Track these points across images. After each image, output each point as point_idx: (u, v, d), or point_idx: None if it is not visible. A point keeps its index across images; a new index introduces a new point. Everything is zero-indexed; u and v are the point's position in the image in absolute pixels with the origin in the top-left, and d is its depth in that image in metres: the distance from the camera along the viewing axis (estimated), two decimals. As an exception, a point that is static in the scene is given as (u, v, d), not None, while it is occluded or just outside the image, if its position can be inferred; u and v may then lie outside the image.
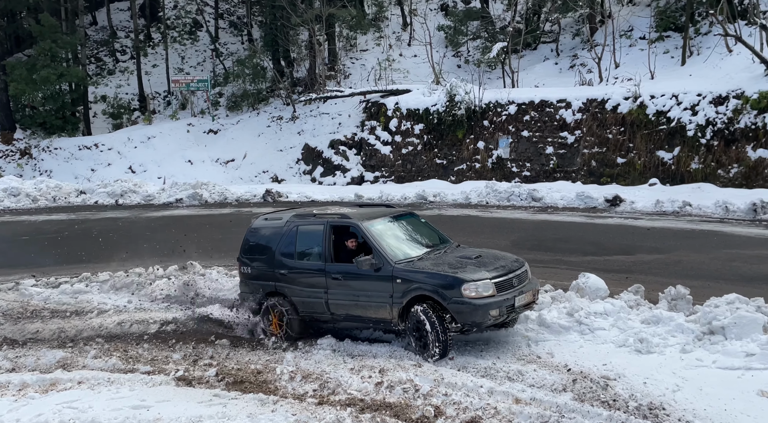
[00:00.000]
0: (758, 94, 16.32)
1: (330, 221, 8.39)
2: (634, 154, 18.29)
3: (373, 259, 7.75)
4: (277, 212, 9.48)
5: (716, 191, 15.71)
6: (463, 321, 7.31)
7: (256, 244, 8.94)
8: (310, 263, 8.37)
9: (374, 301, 7.80)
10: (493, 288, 7.32)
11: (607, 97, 19.13)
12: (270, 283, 8.66)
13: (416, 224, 8.85)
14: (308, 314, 8.45)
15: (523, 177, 20.16)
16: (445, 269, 7.53)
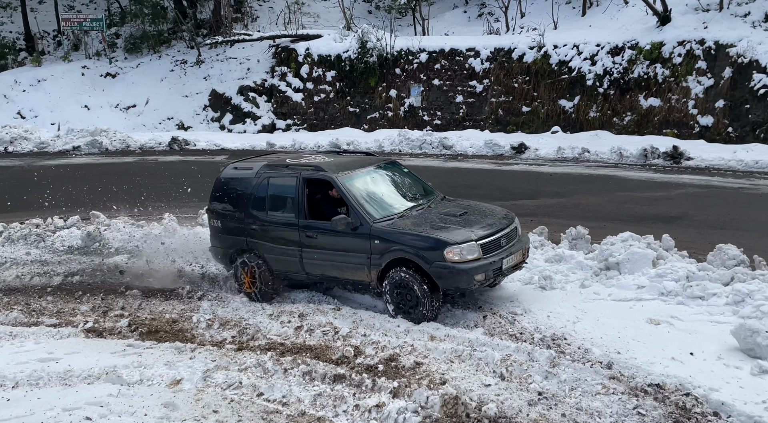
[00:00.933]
0: (650, 45, 17.28)
1: (303, 173, 7.68)
2: (538, 102, 18.98)
3: (350, 218, 7.14)
4: (246, 161, 8.65)
5: (612, 138, 16.66)
6: (446, 286, 6.87)
7: (226, 195, 8.23)
8: (283, 218, 7.74)
9: (351, 263, 7.25)
10: (478, 250, 6.79)
11: (514, 46, 19.58)
12: (241, 238, 8.02)
13: (399, 174, 8.16)
14: (283, 273, 7.90)
15: (434, 125, 20.46)
16: (426, 230, 6.96)
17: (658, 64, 17.12)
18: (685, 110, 16.57)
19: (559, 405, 5.17)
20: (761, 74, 15.43)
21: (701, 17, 17.19)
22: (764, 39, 15.86)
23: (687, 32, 16.94)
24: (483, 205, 7.95)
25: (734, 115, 15.86)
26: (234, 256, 8.15)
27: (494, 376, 5.69)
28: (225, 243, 8.24)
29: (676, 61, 16.85)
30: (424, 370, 5.87)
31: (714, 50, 16.38)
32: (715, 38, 16.42)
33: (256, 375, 5.87)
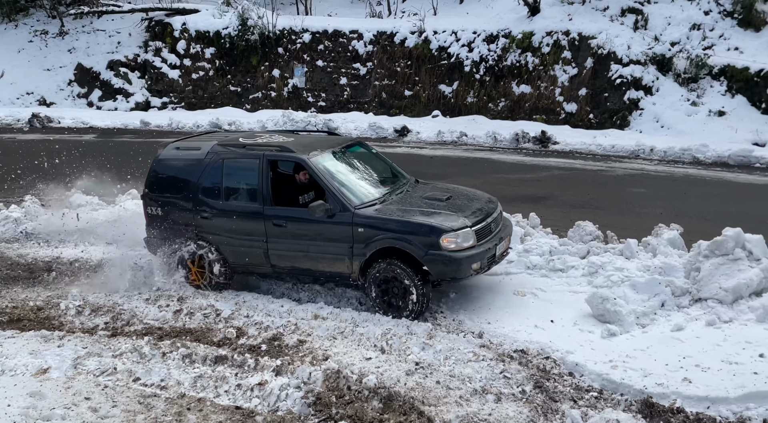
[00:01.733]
0: (522, 34, 18.27)
1: (267, 154, 6.92)
2: (420, 87, 19.49)
3: (328, 204, 6.51)
4: (191, 139, 7.83)
5: (487, 123, 17.50)
6: (441, 276, 6.41)
7: (167, 178, 7.34)
8: (243, 205, 6.96)
9: (329, 253, 6.62)
10: (473, 237, 6.38)
11: (396, 30, 19.93)
12: (189, 227, 7.20)
13: (367, 156, 7.54)
14: (241, 266, 7.20)
15: (318, 107, 20.40)
16: (416, 216, 6.44)
17: (528, 53, 18.15)
18: (553, 97, 17.73)
19: (434, 373, 5.48)
20: (618, 65, 16.83)
21: (566, 9, 18.39)
22: (620, 32, 17.28)
23: (554, 23, 18.07)
24: (464, 188, 7.51)
25: (595, 103, 17.20)
26: (179, 248, 7.29)
27: (375, 349, 5.90)
28: (167, 233, 7.34)
29: (545, 50, 17.94)
30: (308, 348, 5.98)
31: (578, 41, 17.62)
32: (579, 30, 17.66)
33: (132, 360, 5.71)
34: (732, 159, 12.64)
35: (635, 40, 17.13)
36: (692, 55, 16.32)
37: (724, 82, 15.98)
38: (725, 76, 15.98)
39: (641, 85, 16.53)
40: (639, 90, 16.52)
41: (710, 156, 12.91)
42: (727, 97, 15.81)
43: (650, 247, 7.41)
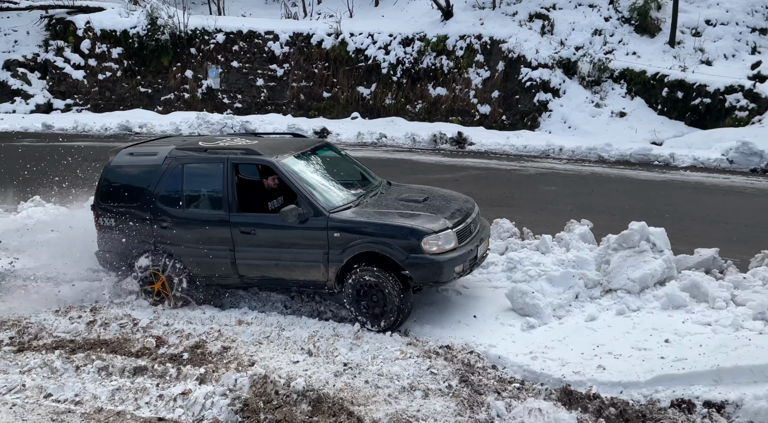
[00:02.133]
0: (436, 38, 18.67)
1: (232, 158, 6.50)
2: (338, 88, 19.50)
3: (301, 208, 6.17)
4: (146, 144, 7.31)
5: (406, 124, 17.75)
6: (423, 281, 6.15)
7: (121, 187, 6.85)
8: (207, 213, 6.55)
9: (302, 261, 6.28)
10: (455, 239, 6.16)
11: (312, 31, 19.84)
12: (147, 239, 6.75)
13: (337, 158, 7.24)
14: (206, 278, 6.76)
15: (235, 108, 19.99)
16: (395, 218, 6.17)
17: (443, 56, 18.56)
18: (468, 99, 18.21)
19: (362, 373, 5.50)
20: (527, 68, 17.52)
21: (478, 14, 18.96)
22: (529, 37, 18.00)
23: (467, 27, 18.59)
24: (438, 189, 7.29)
25: (507, 105, 17.82)
26: (136, 261, 6.84)
27: (302, 352, 5.85)
28: (122, 246, 6.86)
29: (459, 53, 18.41)
30: (232, 354, 5.84)
31: (490, 45, 18.20)
32: (490, 34, 18.24)
33: (42, 376, 5.38)
34: (633, 157, 13.43)
35: (543, 44, 17.89)
36: (595, 59, 17.24)
37: (624, 85, 16.98)
38: (625, 79, 16.98)
39: (549, 88, 17.28)
40: (547, 92, 17.27)
41: (614, 155, 13.67)
42: (627, 99, 16.80)
43: (563, 242, 7.75)
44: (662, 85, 16.33)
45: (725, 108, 15.32)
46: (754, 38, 17.07)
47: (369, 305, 6.21)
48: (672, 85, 16.18)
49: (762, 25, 17.18)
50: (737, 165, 12.10)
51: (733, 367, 4.54)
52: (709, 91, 15.63)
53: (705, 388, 4.54)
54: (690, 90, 15.92)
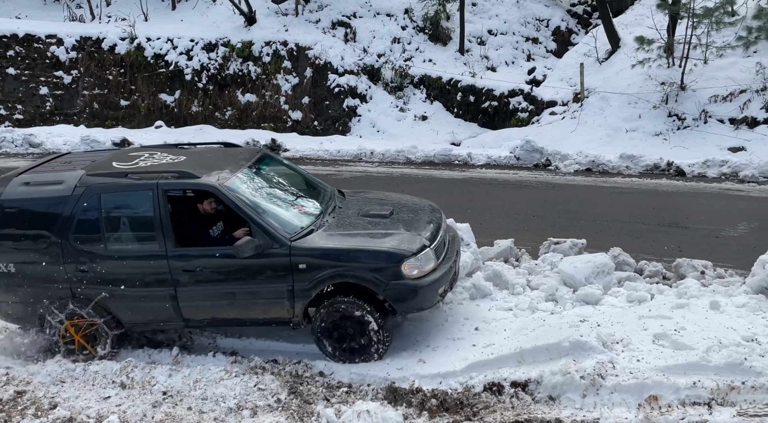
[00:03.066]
0: (242, 44, 18.31)
1: (162, 184, 5.56)
2: (138, 96, 18.26)
3: (257, 239, 5.35)
4: (41, 170, 6.11)
5: (216, 132, 17.13)
6: (406, 310, 5.58)
7: (18, 226, 5.75)
8: (137, 249, 5.62)
9: (262, 297, 5.54)
10: (434, 258, 5.56)
11: (103, 36, 18.36)
12: (60, 285, 5.71)
13: (280, 170, 6.38)
14: (141, 324, 5.88)
15: (15, 120, 17.76)
16: (367, 241, 5.50)
17: (250, 62, 18.25)
18: (278, 106, 18.12)
19: (184, 399, 5.23)
20: (334, 75, 17.91)
21: (282, 20, 18.94)
22: (334, 44, 18.41)
23: (272, 34, 18.48)
24: (399, 196, 6.70)
25: (318, 110, 18.05)
26: (47, 311, 5.82)
27: (114, 386, 5.42)
28: (26, 295, 5.83)
29: (266, 59, 18.24)
30: (29, 399, 5.21)
31: (296, 51, 18.28)
32: (296, 41, 18.33)
33: None
34: (437, 158, 14.36)
35: (347, 51, 18.42)
36: (396, 65, 18.16)
37: (424, 90, 18.11)
38: (424, 84, 18.12)
39: (357, 94, 17.84)
40: (355, 98, 17.82)
41: (420, 156, 14.50)
42: (427, 103, 17.94)
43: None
44: (456, 89, 17.69)
45: (509, 110, 17.03)
46: (529, 47, 19.19)
47: (342, 339, 5.61)
48: (465, 89, 17.59)
49: (534, 34, 19.38)
50: (523, 161, 13.50)
51: (532, 348, 5.06)
52: (496, 95, 17.25)
53: (511, 369, 5.01)
54: (480, 94, 17.44)
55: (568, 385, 4.70)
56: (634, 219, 9.20)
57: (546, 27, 19.63)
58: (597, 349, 4.88)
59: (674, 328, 5.05)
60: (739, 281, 6.34)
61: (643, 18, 16.22)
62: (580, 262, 6.58)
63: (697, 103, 13.70)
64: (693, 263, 6.89)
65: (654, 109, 14.06)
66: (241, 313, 5.70)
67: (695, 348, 4.80)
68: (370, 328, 5.52)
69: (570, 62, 17.12)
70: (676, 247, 7.84)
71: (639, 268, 7.05)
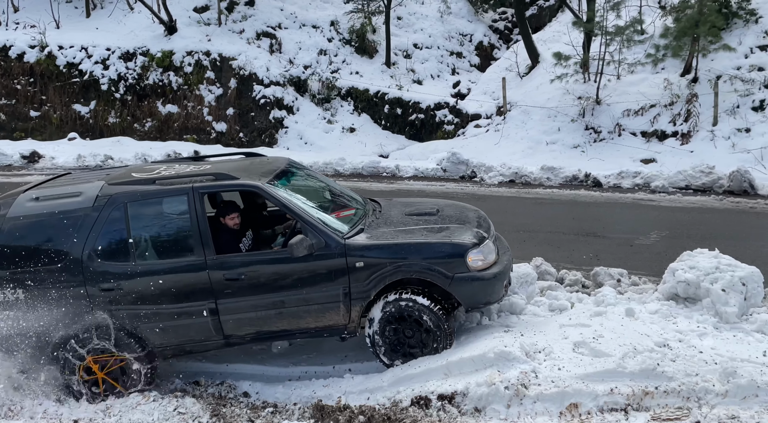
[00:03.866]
0: (161, 53, 17.77)
1: (198, 187, 5.16)
2: (49, 106, 17.37)
3: (311, 239, 5.03)
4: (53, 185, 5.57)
5: (135, 144, 16.53)
6: (473, 304, 5.35)
7: (27, 245, 5.16)
8: (172, 262, 5.14)
9: (315, 303, 5.17)
10: (495, 250, 5.46)
11: (10, 43, 17.42)
12: (80, 310, 5.13)
13: (310, 177, 6.17)
14: (174, 347, 5.34)
15: None
16: (426, 235, 5.28)
17: (171, 72, 17.72)
18: (201, 117, 17.66)
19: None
20: (260, 86, 17.65)
21: (204, 30, 18.52)
22: (259, 55, 18.16)
23: (194, 43, 18.02)
24: (436, 200, 6.54)
25: (243, 122, 17.71)
26: (62, 343, 5.20)
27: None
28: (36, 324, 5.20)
29: (188, 69, 17.76)
30: None
31: (219, 62, 17.90)
32: (219, 51, 17.96)
33: None
34: (365, 170, 14.38)
35: (273, 62, 18.21)
36: (323, 77, 18.10)
37: (352, 102, 18.13)
38: (351, 96, 18.14)
39: (284, 105, 17.65)
40: (282, 109, 17.61)
41: (348, 168, 14.48)
42: (355, 115, 17.96)
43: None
44: (384, 102, 17.82)
45: (436, 122, 17.31)
46: (453, 61, 19.59)
47: (402, 341, 5.36)
48: (392, 102, 17.75)
49: (458, 49, 19.82)
50: (449, 173, 13.73)
51: (459, 360, 5.07)
52: (422, 108, 17.50)
53: (438, 382, 5.00)
54: (407, 107, 17.63)
55: (493, 396, 4.73)
56: (555, 229, 9.49)
57: (469, 41, 20.13)
58: (520, 358, 4.95)
59: (593, 336, 5.19)
60: (652, 288, 6.61)
61: (561, 35, 16.90)
62: None
63: (612, 116, 14.37)
64: (609, 271, 7.14)
65: (572, 122, 14.63)
66: (291, 323, 5.33)
67: (612, 355, 4.95)
68: (432, 326, 5.28)
69: (493, 76, 17.61)
70: (594, 256, 8.13)
71: (560, 277, 7.25)
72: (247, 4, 19.21)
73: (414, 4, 20.47)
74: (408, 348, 5.40)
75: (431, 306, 5.25)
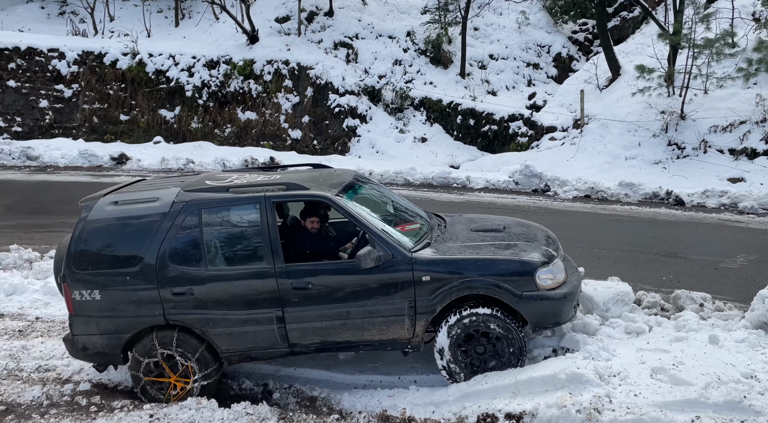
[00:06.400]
0: (243, 62, 18.40)
1: (270, 196, 5.31)
2: (138, 111, 18.28)
3: (379, 251, 5.12)
4: (132, 190, 5.81)
5: (215, 149, 17.15)
6: (541, 324, 5.23)
7: (107, 247, 5.39)
8: (243, 268, 5.29)
9: (380, 315, 5.20)
10: (564, 269, 5.40)
11: (105, 50, 18.45)
12: (153, 312, 5.31)
13: (377, 190, 6.25)
14: (240, 353, 5.43)
15: (13, 133, 17.75)
16: (494, 251, 5.29)
17: (251, 80, 18.32)
18: (278, 124, 18.14)
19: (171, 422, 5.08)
20: (335, 95, 17.96)
21: (284, 40, 19.05)
22: (335, 64, 18.49)
23: (274, 52, 18.57)
24: (493, 216, 6.53)
25: (318, 130, 18.07)
26: (133, 344, 5.45)
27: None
28: (113, 326, 5.40)
29: (267, 78, 18.31)
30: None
31: (297, 71, 18.36)
32: (298, 60, 18.42)
33: None
34: (435, 180, 14.33)
35: (348, 72, 18.49)
36: (397, 87, 18.22)
37: (424, 112, 18.15)
38: (424, 106, 18.17)
39: (357, 114, 17.87)
40: (355, 118, 17.84)
41: (418, 178, 14.47)
42: (427, 125, 17.97)
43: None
44: (457, 112, 17.74)
45: (509, 134, 17.06)
46: (530, 72, 19.29)
47: (474, 359, 5.29)
48: (465, 113, 17.64)
49: (535, 60, 19.50)
50: (522, 186, 13.47)
51: (528, 379, 4.94)
52: (496, 119, 17.30)
53: (505, 400, 4.88)
54: (480, 118, 17.48)
55: (563, 419, 4.57)
56: (632, 247, 9.12)
57: (547, 53, 19.77)
58: (594, 382, 4.76)
59: (673, 363, 4.94)
60: (738, 315, 6.23)
61: (644, 47, 16.32)
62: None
63: (697, 132, 13.72)
64: (692, 295, 6.79)
65: (654, 137, 14.07)
66: (355, 334, 5.32)
67: (694, 384, 4.69)
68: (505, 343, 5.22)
69: (570, 88, 17.20)
70: (674, 278, 7.76)
71: (637, 298, 6.95)
72: (326, 14, 19.62)
73: (492, 15, 20.31)
74: (482, 365, 5.32)
75: (494, 313, 5.18)
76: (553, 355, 5.58)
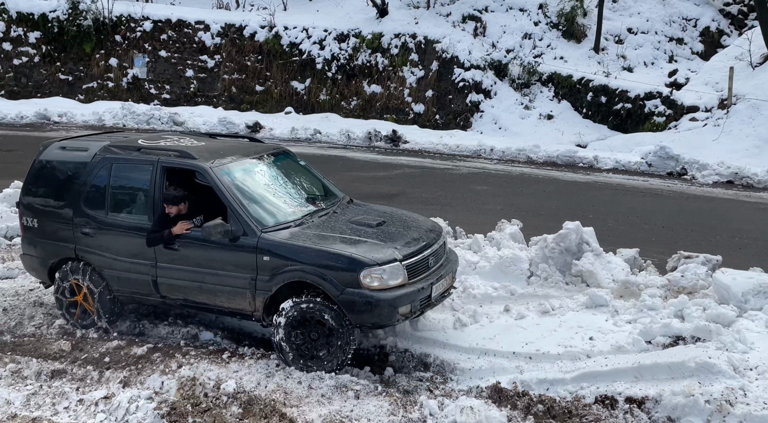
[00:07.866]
0: (372, 35, 18.68)
1: (163, 160, 5.81)
2: (272, 82, 19.18)
3: (230, 225, 5.44)
4: (81, 139, 6.71)
5: (340, 121, 17.66)
6: (360, 322, 5.27)
7: (46, 184, 6.29)
8: (131, 220, 5.88)
9: (228, 285, 5.55)
10: (404, 273, 5.30)
11: (245, 23, 19.43)
12: (68, 244, 6.11)
13: (293, 169, 6.46)
14: (126, 295, 6.11)
15: (162, 100, 19.31)
16: (334, 244, 5.38)
17: (378, 54, 18.59)
18: (402, 98, 18.32)
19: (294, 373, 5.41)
20: (460, 69, 17.80)
21: (413, 13, 19.09)
22: (462, 38, 18.29)
23: (402, 26, 18.68)
24: (402, 212, 6.44)
25: (440, 104, 18.05)
26: (56, 268, 6.25)
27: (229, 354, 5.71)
28: (43, 250, 6.28)
29: (394, 52, 18.49)
30: (158, 357, 5.63)
31: (424, 44, 18.36)
32: (425, 34, 18.41)
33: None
34: (560, 159, 13.88)
35: (475, 46, 18.22)
36: (525, 62, 17.71)
37: (552, 89, 17.54)
38: (553, 82, 17.55)
39: (481, 89, 17.62)
40: (479, 93, 17.61)
41: (542, 156, 14.09)
42: (554, 102, 17.36)
43: (494, 242, 7.90)
44: (587, 89, 16.97)
45: (644, 113, 16.09)
46: (672, 47, 17.99)
47: (306, 344, 5.39)
48: (596, 90, 16.85)
49: (679, 34, 18.14)
50: (655, 168, 12.72)
51: (652, 364, 4.75)
52: (630, 97, 16.36)
53: (627, 384, 4.73)
54: (613, 95, 16.61)
55: (690, 408, 4.36)
56: (779, 239, 8.38)
57: (693, 27, 18.33)
58: (727, 373, 4.49)
59: (820, 363, 4.55)
60: None
61: (809, 20, 14.67)
62: (741, 277, 6.04)
63: None
64: None
65: (813, 120, 12.71)
66: (209, 298, 5.72)
67: (844, 387, 4.29)
68: (332, 332, 5.30)
69: (718, 65, 15.88)
70: (828, 275, 7.03)
71: (782, 292, 6.39)
72: (456, -13, 19.41)
73: (632, -14, 19.11)
74: (313, 351, 5.41)
75: (330, 305, 5.25)
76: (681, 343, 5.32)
